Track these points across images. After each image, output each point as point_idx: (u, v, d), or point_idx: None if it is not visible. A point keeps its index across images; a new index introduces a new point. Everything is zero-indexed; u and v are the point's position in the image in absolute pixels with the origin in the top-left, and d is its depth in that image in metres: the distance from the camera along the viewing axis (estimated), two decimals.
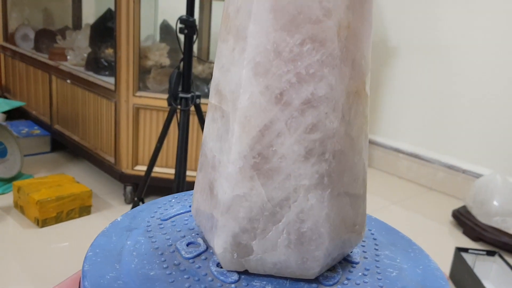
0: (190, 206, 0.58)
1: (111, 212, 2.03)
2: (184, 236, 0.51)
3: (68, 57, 2.62)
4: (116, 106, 2.09)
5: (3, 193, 2.08)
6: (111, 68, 2.35)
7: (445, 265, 1.84)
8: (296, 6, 0.38)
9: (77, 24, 2.99)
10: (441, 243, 2.09)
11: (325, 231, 0.43)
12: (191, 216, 0.56)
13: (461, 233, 2.19)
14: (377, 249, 0.53)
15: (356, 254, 0.51)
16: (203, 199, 0.49)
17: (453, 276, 1.76)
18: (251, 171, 0.44)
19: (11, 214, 1.93)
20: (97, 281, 0.42)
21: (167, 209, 0.58)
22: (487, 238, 2.09)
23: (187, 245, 0.49)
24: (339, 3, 0.38)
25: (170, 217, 0.55)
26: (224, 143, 0.46)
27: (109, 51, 2.39)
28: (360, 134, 0.45)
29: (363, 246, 0.53)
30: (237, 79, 0.42)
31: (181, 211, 0.57)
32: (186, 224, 0.54)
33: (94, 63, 2.41)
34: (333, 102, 0.40)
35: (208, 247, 0.48)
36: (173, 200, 0.61)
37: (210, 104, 0.49)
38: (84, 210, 1.96)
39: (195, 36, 1.34)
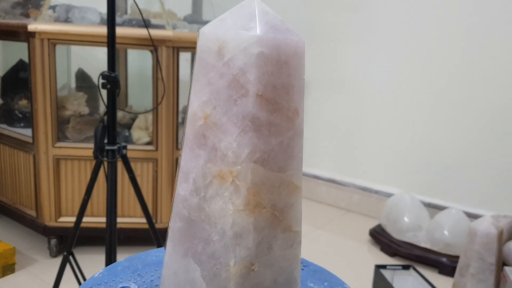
0: None
1: (36, 268, 1.97)
2: (135, 278, 0.61)
3: None
4: (35, 159, 2.06)
5: None
6: (27, 120, 2.30)
7: (367, 282, 1.98)
8: None
9: None
10: (362, 262, 2.24)
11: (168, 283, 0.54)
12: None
13: (379, 250, 2.37)
14: None
15: None
16: None
17: None
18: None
19: None
20: None
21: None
22: (402, 252, 2.27)
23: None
24: (195, 99, 0.48)
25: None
26: None
27: (23, 102, 2.34)
28: (221, 216, 0.48)
29: None
30: None
31: None
32: (157, 270, 0.65)
33: (8, 115, 2.35)
34: (184, 173, 0.50)
35: None
36: None
37: None
38: (8, 268, 1.89)
39: (117, 90, 1.39)
